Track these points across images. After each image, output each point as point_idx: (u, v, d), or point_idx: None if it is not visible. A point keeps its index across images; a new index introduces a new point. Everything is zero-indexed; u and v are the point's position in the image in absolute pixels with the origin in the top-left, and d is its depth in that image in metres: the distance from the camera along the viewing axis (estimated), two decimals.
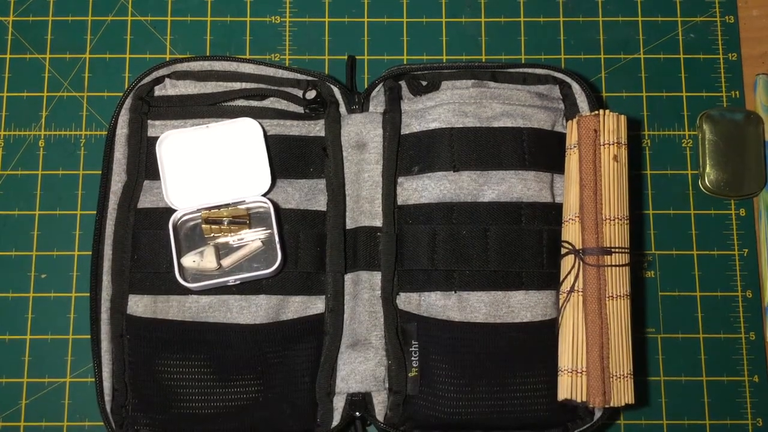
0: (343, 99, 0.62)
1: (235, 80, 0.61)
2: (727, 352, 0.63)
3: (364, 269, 0.58)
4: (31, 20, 0.68)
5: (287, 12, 0.69)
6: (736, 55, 0.68)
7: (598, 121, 0.57)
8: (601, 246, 0.55)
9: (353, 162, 0.60)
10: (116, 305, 0.57)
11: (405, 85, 0.62)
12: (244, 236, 0.58)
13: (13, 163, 0.65)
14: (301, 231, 0.58)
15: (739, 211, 0.65)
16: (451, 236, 0.57)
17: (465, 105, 0.59)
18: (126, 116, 0.60)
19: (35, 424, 0.61)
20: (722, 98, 0.67)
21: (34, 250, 0.64)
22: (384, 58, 0.68)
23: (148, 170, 0.60)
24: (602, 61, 0.68)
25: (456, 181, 0.58)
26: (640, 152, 0.66)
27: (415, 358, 0.56)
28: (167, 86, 0.61)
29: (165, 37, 0.68)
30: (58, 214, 0.64)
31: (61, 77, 0.67)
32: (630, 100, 0.67)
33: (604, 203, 0.56)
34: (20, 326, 0.62)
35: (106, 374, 0.56)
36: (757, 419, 0.62)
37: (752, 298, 0.64)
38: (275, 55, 0.68)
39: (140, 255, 0.57)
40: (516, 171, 0.58)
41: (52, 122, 0.66)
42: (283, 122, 0.60)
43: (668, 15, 0.69)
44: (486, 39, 0.68)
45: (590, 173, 0.56)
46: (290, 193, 0.59)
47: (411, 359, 0.57)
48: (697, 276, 0.64)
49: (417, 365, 0.56)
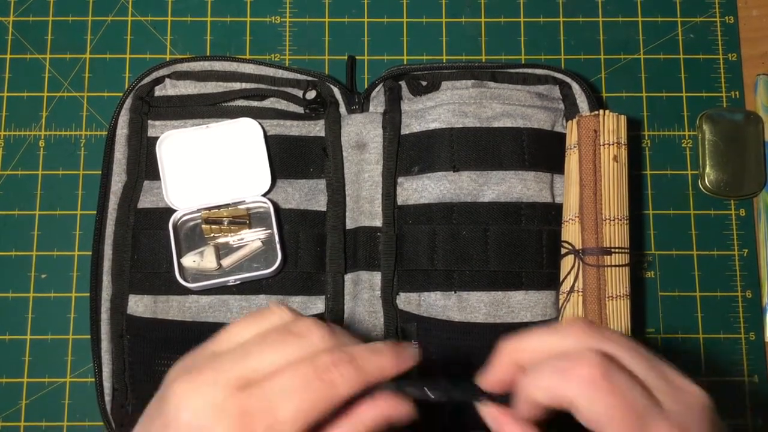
0: (343, 99, 0.62)
1: (235, 80, 0.61)
2: (727, 352, 0.63)
3: (364, 269, 0.58)
4: (32, 20, 0.68)
5: (287, 12, 0.69)
6: (736, 56, 0.68)
7: (598, 122, 0.57)
8: (601, 246, 0.55)
9: (353, 162, 0.60)
10: (116, 305, 0.57)
11: (405, 85, 0.62)
12: (244, 236, 0.58)
13: (14, 163, 0.65)
14: (301, 231, 0.58)
15: (739, 212, 0.65)
16: (451, 236, 0.57)
17: (465, 105, 0.59)
18: (126, 116, 0.60)
19: (35, 424, 0.61)
20: (722, 98, 0.67)
21: (34, 250, 0.64)
22: (384, 58, 0.68)
23: (148, 170, 0.60)
24: (602, 61, 0.68)
25: (456, 181, 0.58)
26: (640, 152, 0.66)
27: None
28: (167, 86, 0.61)
29: (165, 37, 0.68)
30: (58, 214, 0.64)
31: (62, 77, 0.67)
32: (630, 100, 0.67)
33: (604, 203, 0.56)
34: (20, 326, 0.62)
35: (106, 374, 0.56)
36: (757, 419, 0.62)
37: (752, 298, 0.64)
38: (275, 56, 0.67)
39: (140, 255, 0.57)
40: (516, 171, 0.58)
41: (53, 122, 0.66)
42: (283, 122, 0.60)
43: (668, 15, 0.69)
44: (486, 39, 0.68)
45: (590, 173, 0.56)
46: (290, 193, 0.59)
47: None
48: (697, 276, 0.64)
49: None
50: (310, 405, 0.34)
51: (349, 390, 0.35)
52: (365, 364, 0.36)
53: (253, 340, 0.36)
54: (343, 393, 0.35)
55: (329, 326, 0.37)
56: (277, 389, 0.34)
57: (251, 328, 0.37)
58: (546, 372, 0.37)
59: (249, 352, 0.35)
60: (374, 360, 0.36)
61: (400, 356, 0.37)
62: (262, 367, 0.35)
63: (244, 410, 0.33)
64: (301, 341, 0.36)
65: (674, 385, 0.36)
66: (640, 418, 0.35)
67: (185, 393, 0.34)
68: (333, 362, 0.35)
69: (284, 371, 0.34)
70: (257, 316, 0.38)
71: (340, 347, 0.36)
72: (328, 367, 0.35)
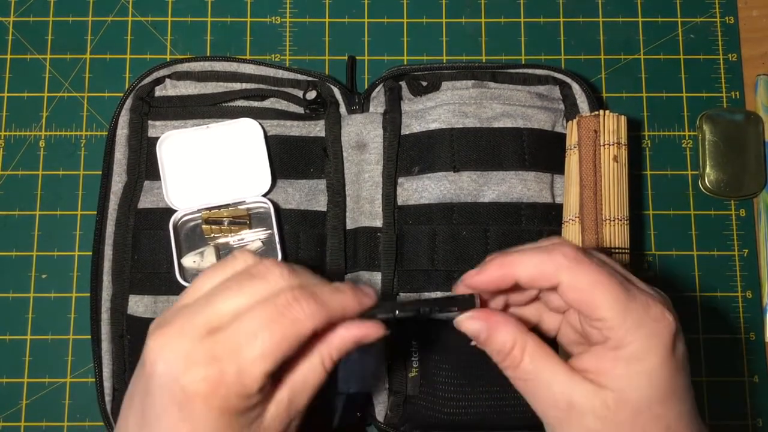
0: (343, 99, 0.62)
1: (235, 81, 0.61)
2: (727, 352, 0.63)
3: (364, 269, 0.58)
4: (32, 21, 0.68)
5: (287, 12, 0.69)
6: (736, 56, 0.68)
7: (598, 122, 0.57)
8: (601, 246, 0.55)
9: (353, 162, 0.60)
10: (116, 305, 0.57)
11: (405, 85, 0.62)
12: (244, 236, 0.58)
13: (14, 164, 0.65)
14: (302, 231, 0.58)
15: (739, 212, 0.65)
16: (451, 237, 0.57)
17: (465, 105, 0.59)
18: (126, 117, 0.60)
19: (35, 424, 0.61)
20: (722, 99, 0.67)
21: (35, 250, 0.64)
22: (384, 58, 0.68)
23: (149, 170, 0.60)
24: (602, 61, 0.68)
25: (456, 181, 0.58)
26: (640, 153, 0.66)
27: (415, 359, 0.56)
28: (167, 87, 0.61)
29: (165, 37, 0.68)
30: (58, 214, 0.64)
31: (62, 77, 0.67)
32: (630, 100, 0.67)
33: (604, 204, 0.56)
34: (20, 326, 0.62)
35: (107, 374, 0.56)
36: (757, 419, 0.62)
37: (752, 299, 0.64)
38: (275, 56, 0.68)
39: (140, 255, 0.57)
40: (516, 171, 0.58)
41: (53, 122, 0.66)
42: (283, 123, 0.60)
43: (668, 15, 0.69)
44: (486, 39, 0.68)
45: (590, 174, 0.56)
46: (290, 193, 0.59)
47: (411, 359, 0.57)
48: (697, 276, 0.64)
49: (417, 365, 0.56)
50: (276, 342, 0.35)
51: (313, 324, 0.36)
52: (327, 300, 0.37)
53: (217, 287, 0.38)
54: (307, 327, 0.36)
55: (290, 265, 0.38)
56: (242, 331, 0.35)
57: (216, 277, 0.39)
58: (532, 252, 0.39)
59: (213, 300, 0.37)
60: (336, 297, 0.38)
61: (361, 295, 0.39)
62: (227, 311, 0.36)
63: (212, 355, 0.35)
64: (262, 282, 0.37)
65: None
66: (622, 283, 0.38)
67: (157, 346, 0.36)
68: (294, 298, 0.36)
69: (248, 313, 0.36)
70: (221, 265, 0.39)
71: (302, 285, 0.37)
72: (290, 304, 0.36)
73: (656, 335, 0.37)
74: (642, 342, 0.37)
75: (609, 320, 0.37)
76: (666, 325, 0.37)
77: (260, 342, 0.35)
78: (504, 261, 0.39)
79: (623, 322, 0.37)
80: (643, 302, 0.37)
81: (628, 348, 0.37)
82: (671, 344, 0.37)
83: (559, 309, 0.43)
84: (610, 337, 0.37)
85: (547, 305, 0.43)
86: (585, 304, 0.37)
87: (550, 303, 0.42)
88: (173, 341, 0.35)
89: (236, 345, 0.35)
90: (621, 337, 0.37)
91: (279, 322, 0.35)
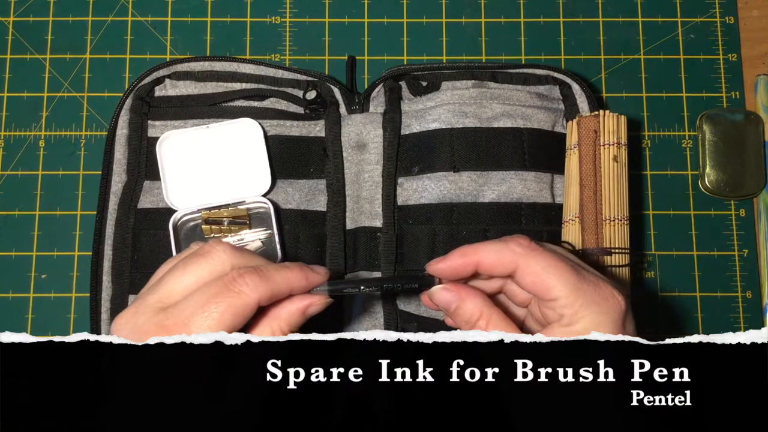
0: (343, 99, 0.62)
1: (235, 81, 0.61)
2: None
3: (364, 269, 0.58)
4: (32, 21, 0.68)
5: (287, 12, 0.69)
6: (736, 56, 0.68)
7: (598, 122, 0.57)
8: (601, 246, 0.55)
9: (353, 162, 0.60)
10: (116, 305, 0.57)
11: (405, 85, 0.62)
12: (244, 236, 0.58)
13: (14, 164, 0.65)
14: (301, 231, 0.58)
15: (739, 212, 0.65)
16: (451, 237, 0.57)
17: (465, 105, 0.59)
18: (126, 116, 0.60)
19: None
20: (722, 99, 0.67)
21: (35, 250, 0.64)
22: (384, 58, 0.68)
23: (148, 170, 0.60)
24: (602, 61, 0.68)
25: (456, 181, 0.58)
26: (640, 153, 0.66)
27: None
28: (167, 86, 0.61)
29: (165, 37, 0.68)
30: (58, 214, 0.64)
31: (62, 77, 0.67)
32: (630, 100, 0.67)
33: (604, 204, 0.56)
34: (20, 326, 0.62)
35: None
36: None
37: (752, 299, 0.64)
38: (275, 56, 0.68)
39: (140, 255, 0.57)
40: (516, 171, 0.58)
41: (53, 122, 0.66)
42: (283, 122, 0.60)
43: (668, 15, 0.69)
44: (486, 39, 0.68)
45: (590, 174, 0.56)
46: (290, 193, 0.59)
47: None
48: (697, 276, 0.64)
49: None
50: (222, 315, 0.38)
51: (258, 295, 0.39)
52: (271, 275, 0.40)
53: (169, 270, 0.41)
54: (252, 298, 0.39)
55: (234, 245, 0.42)
56: (191, 305, 0.38)
57: (170, 264, 0.42)
58: (491, 243, 0.43)
59: (163, 281, 0.40)
60: (281, 272, 0.41)
61: (307, 271, 0.42)
62: (178, 289, 0.40)
63: (161, 325, 0.38)
64: (207, 260, 0.40)
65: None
66: (573, 267, 0.41)
67: (116, 326, 0.40)
68: (239, 274, 0.39)
69: (196, 289, 0.39)
70: (177, 255, 0.43)
71: (248, 263, 0.40)
72: (235, 279, 0.39)
73: (606, 312, 0.40)
74: (592, 318, 0.40)
75: (562, 299, 0.40)
76: (615, 303, 0.41)
77: (207, 314, 0.38)
78: (466, 250, 0.43)
79: (575, 300, 0.40)
80: (593, 282, 0.41)
81: (579, 323, 0.40)
82: (621, 321, 0.41)
83: (523, 303, 0.45)
84: (563, 314, 0.40)
85: (512, 299, 0.46)
86: (539, 286, 0.41)
87: (515, 297, 0.45)
88: (128, 320, 0.39)
89: (186, 317, 0.38)
90: (573, 314, 0.40)
91: (225, 294, 0.38)
